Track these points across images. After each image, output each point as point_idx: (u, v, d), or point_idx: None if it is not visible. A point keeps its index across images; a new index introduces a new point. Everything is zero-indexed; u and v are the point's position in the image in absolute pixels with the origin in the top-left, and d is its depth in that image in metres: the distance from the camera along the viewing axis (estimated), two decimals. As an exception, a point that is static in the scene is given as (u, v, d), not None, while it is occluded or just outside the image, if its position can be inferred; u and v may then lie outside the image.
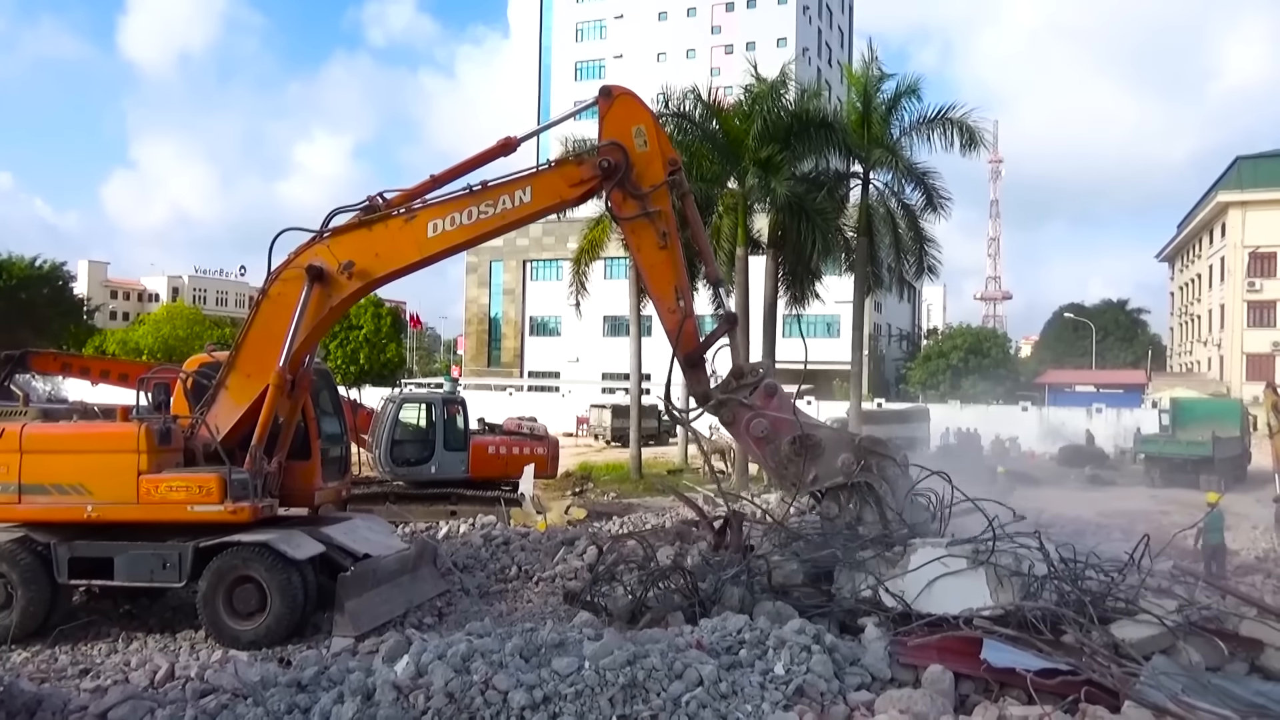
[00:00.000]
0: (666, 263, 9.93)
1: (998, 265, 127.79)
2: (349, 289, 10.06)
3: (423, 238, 9.88)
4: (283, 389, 9.95)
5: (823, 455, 9.55)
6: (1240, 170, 63.15)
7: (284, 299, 10.02)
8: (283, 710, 6.30)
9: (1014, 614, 7.90)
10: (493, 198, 9.82)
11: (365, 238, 9.99)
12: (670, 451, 37.64)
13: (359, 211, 10.14)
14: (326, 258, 9.96)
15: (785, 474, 9.74)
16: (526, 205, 9.88)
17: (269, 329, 10.08)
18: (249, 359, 10.19)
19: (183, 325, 71.00)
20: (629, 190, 9.75)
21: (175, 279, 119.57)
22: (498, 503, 18.72)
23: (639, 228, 9.89)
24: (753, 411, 9.78)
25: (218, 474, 9.73)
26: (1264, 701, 6.53)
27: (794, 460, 9.55)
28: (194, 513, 9.70)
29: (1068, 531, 14.59)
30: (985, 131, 27.60)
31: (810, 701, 6.45)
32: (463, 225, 9.85)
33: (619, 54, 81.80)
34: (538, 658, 6.66)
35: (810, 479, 9.59)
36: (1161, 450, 31.06)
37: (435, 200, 10.07)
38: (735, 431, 10.08)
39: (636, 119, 9.92)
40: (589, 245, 30.66)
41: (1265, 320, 60.31)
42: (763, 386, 9.86)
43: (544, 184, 9.95)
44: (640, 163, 9.75)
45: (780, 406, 9.84)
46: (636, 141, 9.78)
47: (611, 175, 9.71)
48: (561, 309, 55.39)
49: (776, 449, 9.66)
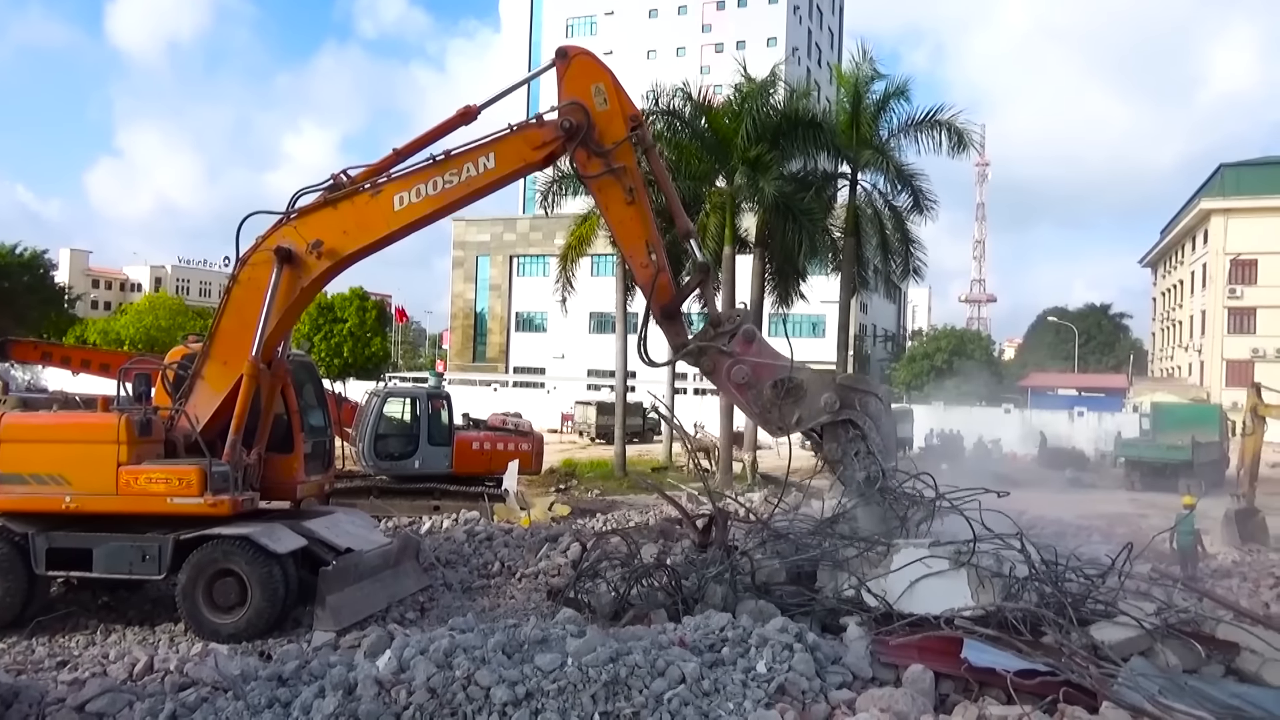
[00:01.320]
0: (635, 218, 9.94)
1: (983, 268, 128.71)
2: (319, 269, 9.99)
3: (389, 212, 9.86)
4: (257, 378, 9.88)
5: (805, 396, 9.55)
6: (1224, 177, 63.80)
7: (255, 283, 9.95)
8: (263, 704, 6.26)
9: (995, 615, 7.96)
10: (456, 166, 9.80)
11: (332, 216, 9.95)
12: (655, 449, 37.67)
13: (324, 191, 10.07)
14: (294, 239, 9.90)
15: (770, 418, 9.72)
16: (491, 171, 9.86)
17: (242, 314, 10.01)
18: (224, 346, 10.12)
19: (165, 316, 70.57)
20: (592, 149, 9.74)
21: (158, 269, 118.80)
22: (481, 498, 18.69)
23: (605, 185, 9.90)
24: (732, 358, 9.74)
25: (198, 466, 9.66)
26: (1239, 703, 6.59)
27: (777, 404, 9.56)
28: (173, 505, 9.63)
29: (1049, 533, 14.68)
30: (973, 134, 27.79)
31: (792, 700, 6.46)
32: (428, 196, 9.83)
33: (609, 50, 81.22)
34: (520, 654, 6.65)
35: (795, 420, 9.59)
36: (1141, 454, 31.33)
37: (400, 173, 10.03)
38: (716, 380, 10.02)
39: (595, 77, 9.89)
40: (576, 242, 30.63)
41: (1245, 327, 60.97)
42: (741, 333, 9.83)
43: (507, 149, 9.91)
44: (602, 121, 9.73)
45: (760, 352, 9.82)
46: (596, 100, 9.76)
47: (574, 136, 9.69)
48: (548, 305, 55.30)
49: (759, 394, 9.66)
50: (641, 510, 19.99)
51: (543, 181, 30.25)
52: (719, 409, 29.23)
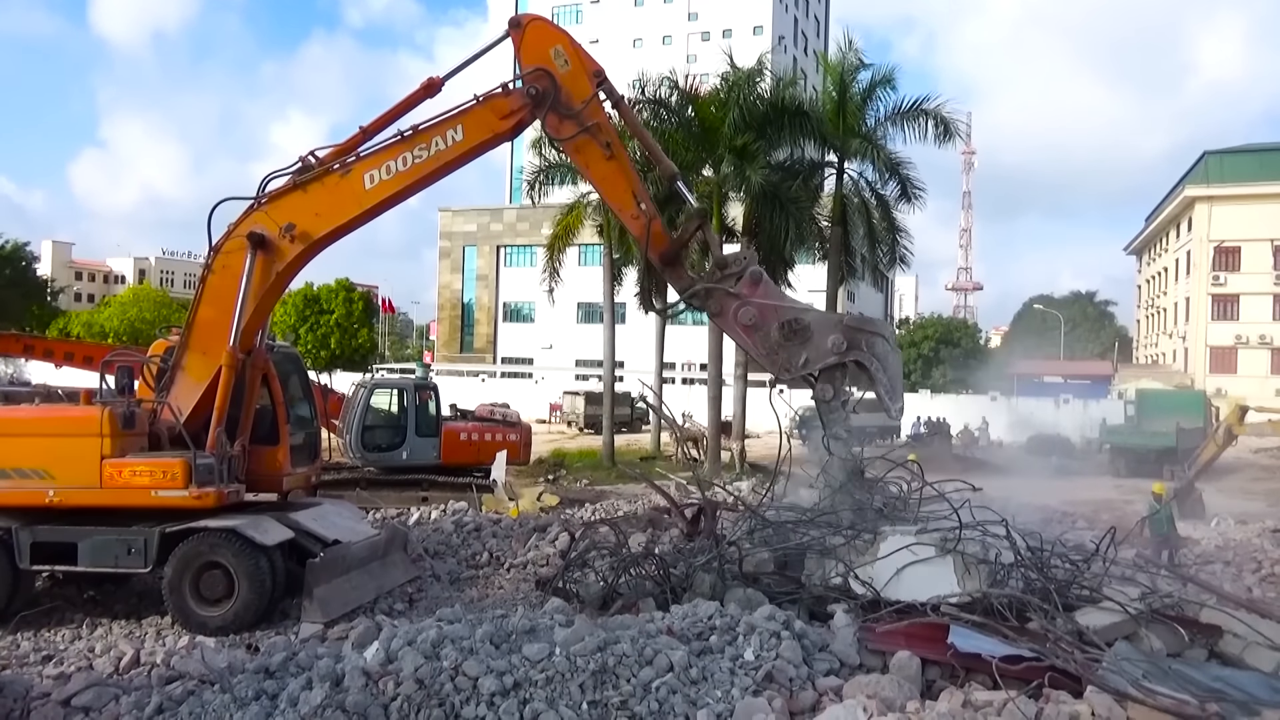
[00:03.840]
0: (617, 172, 9.95)
1: (969, 256, 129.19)
2: (292, 252, 9.92)
3: (360, 190, 9.80)
4: (236, 367, 9.81)
5: (812, 338, 9.52)
6: (1207, 165, 64.12)
7: (229, 271, 9.88)
8: (250, 696, 6.24)
9: (981, 601, 8.00)
10: (425, 141, 9.76)
11: (302, 199, 9.88)
12: (643, 439, 37.71)
13: (293, 174, 10.00)
14: (266, 224, 9.82)
15: (776, 359, 9.67)
16: (459, 144, 9.82)
17: (219, 303, 9.94)
18: (202, 336, 10.05)
19: (149, 308, 69.99)
20: (562, 112, 9.73)
21: (142, 261, 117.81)
22: (469, 489, 18.65)
23: (581, 146, 9.88)
24: (739, 300, 9.69)
25: (182, 458, 9.59)
26: (1222, 686, 6.66)
27: (784, 345, 9.53)
28: (158, 498, 9.56)
29: (1035, 520, 14.78)
30: (959, 123, 27.80)
31: (779, 687, 6.49)
32: (399, 173, 9.78)
33: (595, 39, 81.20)
34: (508, 644, 6.65)
35: (801, 362, 9.56)
36: (1126, 441, 31.58)
37: (368, 151, 9.96)
38: (722, 322, 9.97)
39: (552, 40, 9.88)
40: (563, 231, 30.56)
41: (1229, 314, 61.45)
42: (748, 274, 9.76)
43: (474, 120, 9.88)
44: (567, 82, 9.73)
45: (766, 294, 9.77)
46: (558, 63, 9.75)
47: (541, 102, 9.69)
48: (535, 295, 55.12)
49: (766, 335, 9.62)
50: (630, 500, 20.01)
51: (529, 171, 30.16)
52: (707, 398, 29.27)
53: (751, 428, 30.93)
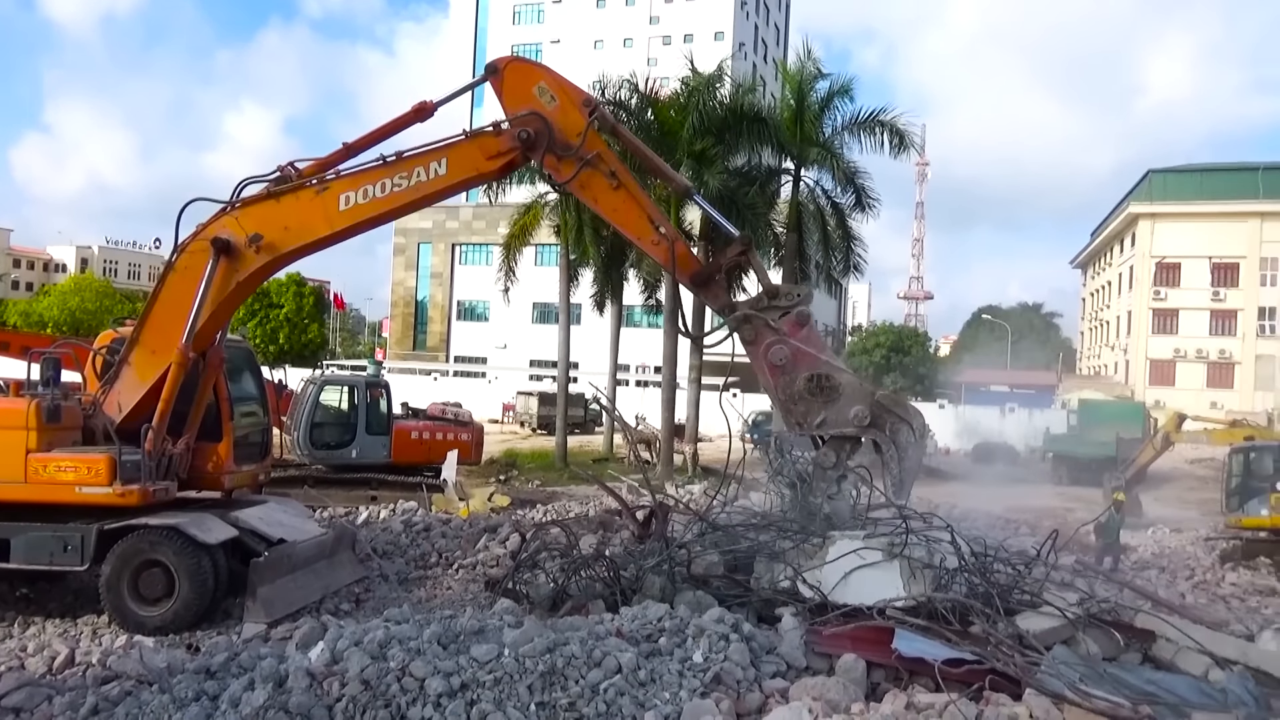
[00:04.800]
0: (628, 200, 9.58)
1: (921, 265, 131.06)
2: (256, 263, 9.65)
3: (333, 211, 9.53)
4: (185, 366, 9.57)
5: (838, 401, 9.02)
6: (1151, 183, 65.97)
7: (190, 272, 9.62)
8: (190, 697, 6.12)
9: (925, 605, 8.13)
10: (407, 169, 9.47)
11: (274, 209, 9.61)
12: (596, 440, 37.69)
13: (270, 182, 9.76)
14: (234, 230, 9.56)
15: (793, 410, 9.20)
16: (441, 178, 9.53)
17: (175, 303, 9.68)
18: (154, 334, 9.79)
19: (91, 298, 68.26)
20: (559, 152, 9.39)
21: (84, 249, 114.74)
22: (420, 489, 18.48)
23: (586, 181, 9.51)
24: (777, 336, 9.22)
25: (107, 454, 9.33)
26: (1154, 689, 6.86)
27: (805, 399, 9.05)
28: (82, 494, 9.29)
29: (979, 526, 15.08)
30: (914, 135, 28.22)
31: (727, 689, 6.53)
32: (375, 199, 9.50)
33: (556, 39, 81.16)
34: (456, 645, 6.60)
35: (818, 422, 9.09)
36: (1069, 449, 32.39)
37: (348, 171, 9.71)
38: (753, 352, 9.44)
39: (533, 79, 9.58)
40: (520, 231, 30.44)
41: (1169, 328, 63.22)
42: (795, 314, 9.28)
43: (460, 156, 9.60)
44: (557, 118, 9.40)
45: (807, 339, 9.29)
46: (544, 100, 9.42)
47: (534, 145, 9.36)
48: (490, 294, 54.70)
49: (790, 382, 9.13)
50: (582, 501, 19.99)
51: (487, 169, 29.91)
52: (660, 401, 29.34)
53: (705, 431, 31.08)
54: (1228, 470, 18.76)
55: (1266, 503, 16.41)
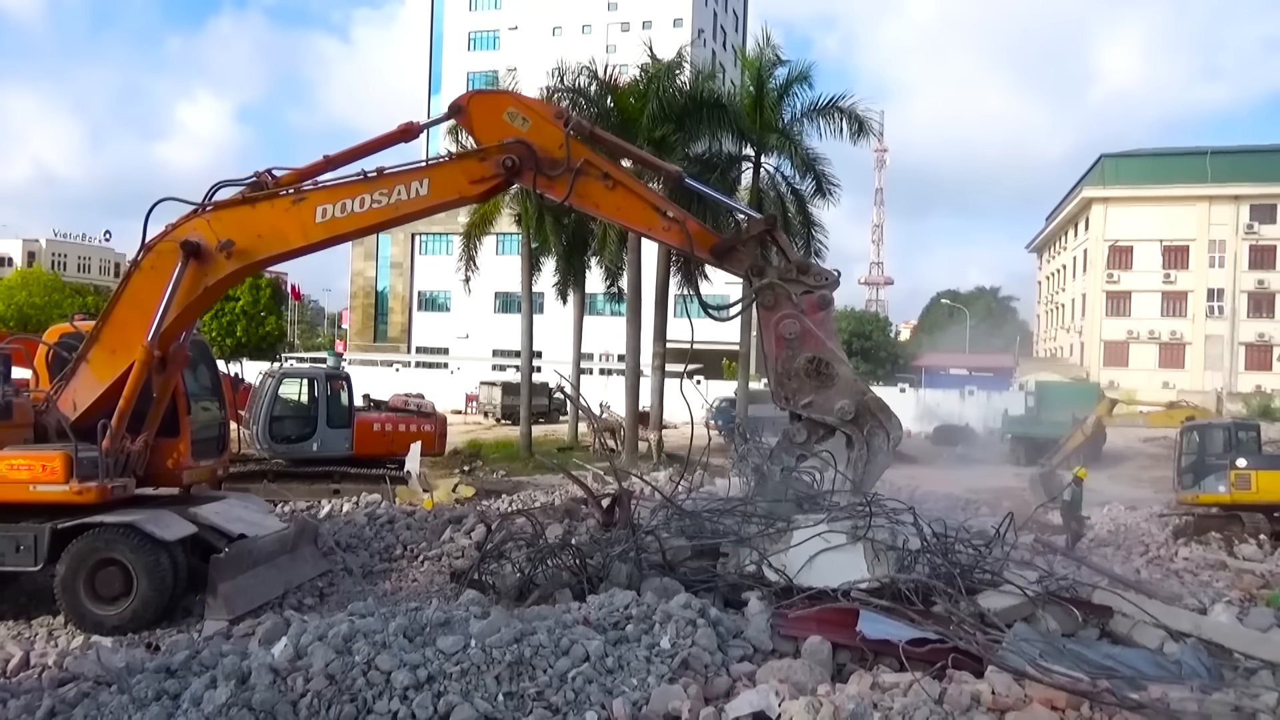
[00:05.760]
0: (627, 197, 9.58)
1: (881, 251, 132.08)
2: (226, 269, 9.48)
3: (309, 222, 9.35)
4: (149, 364, 9.37)
5: (830, 389, 9.23)
6: (1104, 167, 67.09)
7: (157, 273, 9.40)
8: (150, 697, 6.01)
9: (889, 586, 8.24)
10: (387, 186, 9.34)
11: (249, 216, 9.42)
12: (560, 429, 37.60)
13: (246, 187, 9.56)
14: (206, 233, 9.34)
15: (785, 385, 9.38)
16: (422, 199, 9.43)
17: (139, 304, 9.46)
18: (114, 334, 9.56)
19: (40, 292, 66.54)
20: (548, 172, 9.37)
21: (31, 242, 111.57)
22: (383, 481, 18.33)
23: (582, 190, 9.47)
24: (794, 310, 9.35)
25: (63, 451, 9.13)
26: (1112, 664, 7.03)
27: (801, 377, 9.24)
28: (36, 493, 9.10)
29: (940, 507, 15.29)
30: (873, 121, 28.39)
31: (694, 674, 6.57)
32: (353, 213, 9.36)
33: (513, 25, 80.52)
34: (422, 637, 6.56)
35: (804, 403, 9.29)
36: (1026, 430, 32.95)
37: (327, 183, 9.58)
38: (765, 318, 9.55)
39: (500, 106, 9.58)
40: (480, 220, 30.16)
41: (1121, 310, 64.49)
42: (818, 295, 9.45)
43: (443, 177, 9.55)
44: (537, 138, 9.40)
45: (821, 323, 9.46)
46: (516, 124, 9.41)
47: (518, 172, 9.34)
48: (451, 284, 54.27)
49: (792, 357, 9.28)
50: (547, 490, 19.95)
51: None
52: (624, 389, 29.35)
53: (669, 418, 31.14)
54: (1179, 449, 19.20)
55: (1224, 479, 16.80)
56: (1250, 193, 61.29)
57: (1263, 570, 14.08)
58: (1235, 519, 16.65)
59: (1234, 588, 12.80)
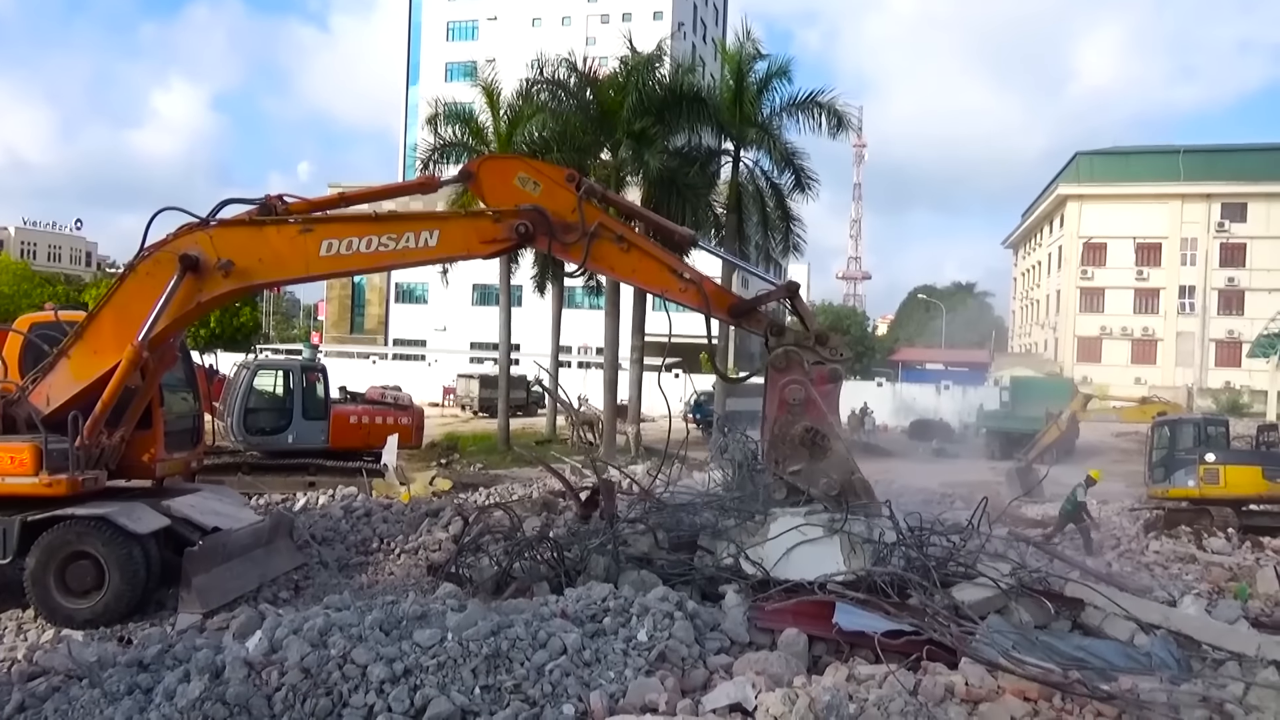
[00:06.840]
0: (642, 259, 9.50)
1: (859, 246, 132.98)
2: (222, 288, 9.33)
3: (313, 254, 9.20)
4: (136, 364, 9.23)
5: (820, 461, 9.21)
6: (1079, 165, 67.71)
7: (152, 280, 9.21)
8: (122, 691, 5.95)
9: (865, 579, 8.30)
10: (396, 231, 9.21)
11: (254, 238, 9.27)
12: (539, 422, 37.53)
13: (254, 209, 9.47)
14: (207, 249, 9.16)
15: (777, 448, 9.39)
16: (429, 250, 9.35)
17: (128, 308, 9.27)
18: (99, 335, 9.37)
19: (9, 281, 65.38)
20: (563, 239, 9.29)
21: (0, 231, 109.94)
22: (359, 474, 18.21)
23: (597, 254, 9.38)
24: (802, 377, 9.35)
25: (33, 443, 8.99)
26: (1083, 655, 7.12)
27: (793, 444, 9.24)
28: (5, 485, 8.97)
29: (915, 500, 15.39)
30: (852, 116, 28.53)
31: (671, 666, 6.59)
32: (359, 253, 9.20)
33: (493, 16, 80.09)
34: (399, 630, 6.53)
35: (791, 470, 9.30)
36: (1001, 425, 33.28)
37: (337, 216, 9.51)
38: (773, 378, 9.50)
39: (511, 171, 9.53)
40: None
41: (1095, 306, 65.21)
42: (830, 369, 9.48)
43: (454, 232, 9.46)
44: (549, 203, 9.31)
45: (827, 395, 9.46)
46: (528, 189, 9.34)
47: (531, 238, 9.28)
48: (429, 276, 54.06)
49: (789, 422, 9.29)
50: (525, 483, 19.92)
51: (424, 149, 29.50)
52: (603, 382, 29.33)
53: (647, 411, 31.17)
54: (1151, 443, 19.42)
55: (1194, 474, 17.00)
56: (1222, 191, 62.11)
57: (1231, 563, 14.29)
58: (1204, 513, 16.86)
59: (1203, 580, 12.99)
